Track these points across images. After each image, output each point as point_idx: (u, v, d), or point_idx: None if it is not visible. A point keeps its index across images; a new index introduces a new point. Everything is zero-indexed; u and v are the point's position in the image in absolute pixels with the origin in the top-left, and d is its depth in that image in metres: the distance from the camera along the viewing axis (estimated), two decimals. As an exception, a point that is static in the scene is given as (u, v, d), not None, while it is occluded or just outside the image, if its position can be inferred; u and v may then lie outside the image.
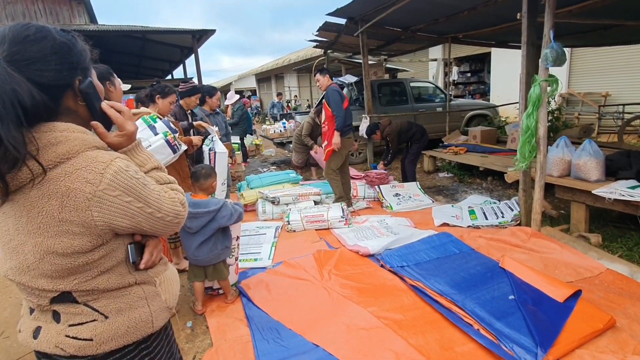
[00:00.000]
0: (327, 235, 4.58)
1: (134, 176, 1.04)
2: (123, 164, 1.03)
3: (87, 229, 0.99)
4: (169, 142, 2.80)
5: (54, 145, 0.96)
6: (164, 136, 2.78)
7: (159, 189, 1.11)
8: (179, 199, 1.16)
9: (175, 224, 1.15)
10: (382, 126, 6.39)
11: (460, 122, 10.01)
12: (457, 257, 3.62)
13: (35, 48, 0.97)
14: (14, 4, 14.30)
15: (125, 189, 1.01)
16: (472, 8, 6.29)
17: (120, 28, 13.44)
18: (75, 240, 0.99)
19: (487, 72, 15.72)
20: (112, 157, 1.02)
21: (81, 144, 1.00)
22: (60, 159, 0.96)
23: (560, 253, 3.46)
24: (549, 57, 3.44)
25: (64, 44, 1.02)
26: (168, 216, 1.11)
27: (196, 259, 2.98)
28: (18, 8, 14.42)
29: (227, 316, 3.05)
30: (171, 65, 21.06)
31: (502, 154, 6.61)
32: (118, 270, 1.11)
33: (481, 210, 4.78)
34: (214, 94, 4.77)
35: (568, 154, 4.07)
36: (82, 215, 0.97)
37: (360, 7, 6.75)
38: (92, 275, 1.06)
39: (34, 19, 14.31)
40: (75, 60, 1.05)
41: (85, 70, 1.08)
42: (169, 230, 1.17)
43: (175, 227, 1.17)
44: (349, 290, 3.28)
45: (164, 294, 1.23)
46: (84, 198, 0.96)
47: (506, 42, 9.15)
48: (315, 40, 9.67)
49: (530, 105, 3.62)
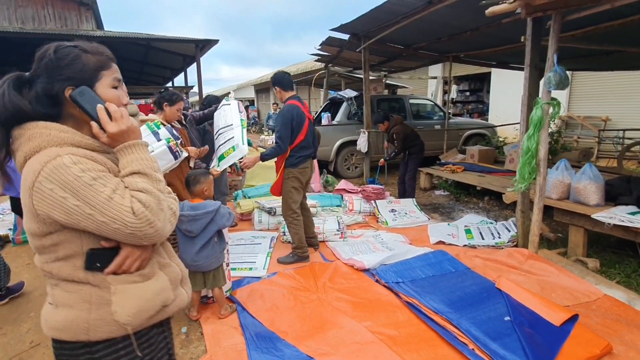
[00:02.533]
0: (323, 247, 4.56)
1: (76, 174, 1.08)
2: (69, 160, 1.09)
3: (34, 215, 1.11)
4: (171, 148, 2.82)
5: (29, 140, 1.13)
6: (166, 142, 2.80)
7: (110, 194, 1.10)
8: (138, 210, 1.11)
9: (128, 235, 1.11)
10: (392, 120, 6.35)
11: (458, 140, 10.04)
12: (453, 276, 3.60)
13: (38, 66, 1.20)
14: (24, 8, 14.50)
15: (62, 184, 1.07)
16: (475, 29, 6.35)
17: (126, 35, 13.82)
18: (32, 223, 1.13)
19: (486, 92, 15.85)
20: (61, 153, 1.10)
21: (50, 141, 1.13)
22: (32, 152, 1.12)
23: (557, 276, 3.43)
24: (552, 81, 3.46)
25: (58, 60, 1.19)
26: (114, 223, 1.09)
27: (196, 264, 2.95)
28: (28, 12, 14.62)
29: (222, 323, 3.05)
30: (172, 73, 21.39)
31: (499, 174, 6.62)
32: (72, 262, 1.16)
33: (478, 229, 4.76)
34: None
35: (568, 177, 4.08)
36: (28, 201, 1.10)
37: (364, 24, 6.82)
38: (49, 259, 1.16)
39: (44, 23, 14.66)
40: (66, 73, 1.19)
41: (80, 80, 1.20)
42: (126, 239, 1.14)
43: (132, 238, 1.13)
44: (343, 303, 3.26)
45: (116, 306, 1.17)
46: (28, 187, 1.08)
47: (507, 63, 9.24)
48: (318, 54, 9.74)
49: (532, 127, 3.63)
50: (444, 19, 6.03)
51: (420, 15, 5.52)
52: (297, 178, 4.06)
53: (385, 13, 6.11)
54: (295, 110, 3.96)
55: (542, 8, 3.54)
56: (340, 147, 8.83)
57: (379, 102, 9.49)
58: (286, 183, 4.05)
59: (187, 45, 14.57)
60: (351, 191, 6.75)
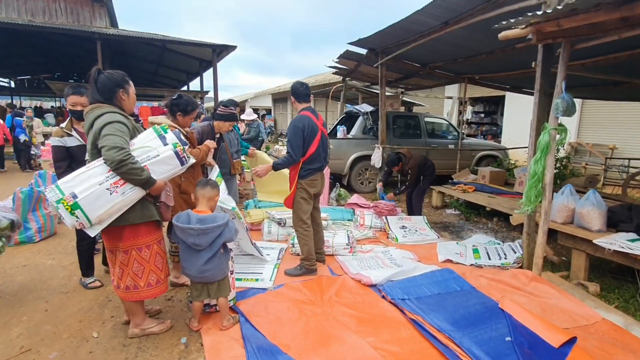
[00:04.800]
0: (331, 261, 4.63)
1: None
2: None
3: None
4: (178, 153, 2.79)
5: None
6: (173, 147, 2.77)
7: None
8: None
9: None
10: (405, 159, 6.32)
11: (471, 160, 10.12)
12: (458, 295, 3.68)
13: None
14: (35, 1, 14.19)
15: None
16: (489, 52, 6.47)
17: (141, 35, 13.45)
18: None
19: (500, 115, 15.90)
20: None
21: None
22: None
23: (558, 299, 3.50)
24: (559, 107, 3.56)
25: None
26: None
27: (202, 276, 2.94)
28: (39, 4, 14.30)
29: (222, 335, 3.04)
30: (188, 77, 21.03)
31: (509, 196, 6.69)
32: None
33: (485, 250, 4.83)
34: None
35: (572, 202, 4.16)
36: None
37: (381, 39, 6.95)
38: None
39: (54, 16, 14.32)
40: None
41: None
42: None
43: None
44: (348, 318, 3.30)
45: None
46: None
47: (520, 88, 9.33)
48: (335, 67, 9.87)
49: (539, 151, 3.72)
50: (460, 40, 6.16)
51: (437, 35, 5.65)
52: (305, 189, 4.11)
53: (403, 30, 6.24)
54: (306, 121, 3.99)
55: (552, 35, 3.65)
56: (354, 161, 8.95)
57: (394, 118, 9.60)
58: (296, 194, 4.14)
59: (204, 50, 14.30)
60: (363, 206, 6.85)
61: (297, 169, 4.07)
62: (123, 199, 2.60)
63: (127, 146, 2.59)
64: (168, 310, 3.48)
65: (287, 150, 4.03)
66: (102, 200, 2.53)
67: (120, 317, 3.30)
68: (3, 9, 13.83)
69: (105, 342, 2.99)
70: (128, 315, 3.13)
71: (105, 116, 2.62)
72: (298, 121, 3.99)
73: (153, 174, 2.69)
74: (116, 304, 3.54)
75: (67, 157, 3.60)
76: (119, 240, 2.79)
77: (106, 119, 2.59)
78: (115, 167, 2.50)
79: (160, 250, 2.96)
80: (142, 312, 3.06)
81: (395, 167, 6.41)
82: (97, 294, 3.79)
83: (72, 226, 2.56)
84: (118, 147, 2.49)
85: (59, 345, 2.93)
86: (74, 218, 2.50)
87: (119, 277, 2.86)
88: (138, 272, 2.85)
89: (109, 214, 2.61)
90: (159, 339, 3.02)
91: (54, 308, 3.50)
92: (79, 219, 2.51)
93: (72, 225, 2.54)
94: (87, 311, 3.45)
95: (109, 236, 2.81)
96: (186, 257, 2.97)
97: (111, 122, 2.59)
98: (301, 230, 4.20)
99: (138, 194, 2.68)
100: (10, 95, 24.28)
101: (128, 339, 3.01)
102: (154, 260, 2.90)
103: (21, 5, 14.06)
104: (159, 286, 2.96)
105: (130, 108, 2.88)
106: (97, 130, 2.58)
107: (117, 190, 2.56)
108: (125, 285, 2.86)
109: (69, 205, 2.46)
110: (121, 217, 2.68)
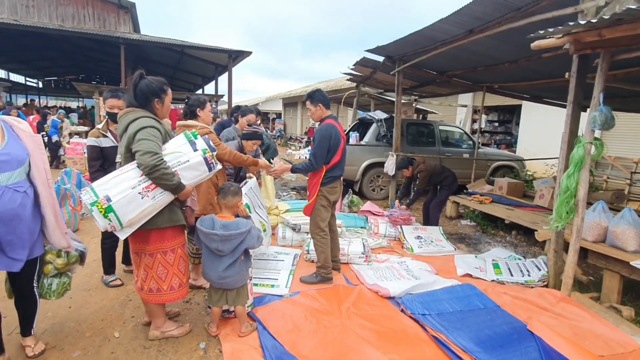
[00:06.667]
0: (346, 270, 4.50)
1: None
2: None
3: None
4: (207, 159, 2.81)
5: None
6: (202, 153, 2.79)
7: None
8: None
9: None
10: (415, 163, 6.18)
11: (486, 170, 9.89)
12: (482, 313, 3.50)
13: None
14: (65, 6, 15.02)
15: None
16: (513, 61, 6.32)
17: (161, 40, 14.27)
18: None
19: (515, 124, 15.69)
20: None
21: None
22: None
23: (590, 323, 3.30)
24: (597, 120, 3.38)
25: None
26: None
27: (222, 282, 2.94)
28: (69, 10, 15.12)
29: (241, 342, 2.99)
30: (203, 81, 22.00)
31: (528, 209, 6.48)
32: None
33: (506, 265, 4.65)
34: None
35: (605, 220, 3.95)
36: None
37: (401, 47, 6.85)
38: None
39: (83, 22, 15.18)
40: None
41: None
42: None
43: None
44: (367, 332, 3.18)
45: None
46: None
47: (541, 97, 9.15)
48: (351, 73, 9.81)
49: (572, 165, 3.54)
50: (483, 49, 6.03)
51: (459, 43, 5.53)
52: (326, 197, 4.05)
53: (425, 38, 6.13)
54: (333, 131, 3.95)
55: (592, 46, 3.49)
56: (367, 167, 8.80)
57: (408, 126, 9.43)
58: (316, 202, 4.04)
59: (220, 55, 14.94)
60: (377, 214, 6.70)
61: (319, 176, 3.99)
62: (153, 204, 2.63)
63: (160, 151, 2.63)
64: (186, 313, 3.50)
65: (309, 157, 3.99)
66: (134, 204, 2.56)
67: (141, 317, 3.33)
68: (36, 14, 14.67)
69: (127, 343, 3.01)
70: (149, 316, 3.16)
71: (139, 121, 2.66)
72: (325, 130, 3.94)
73: (182, 179, 2.71)
74: (136, 304, 3.57)
75: (101, 157, 3.69)
76: (146, 243, 2.82)
77: (140, 124, 2.63)
78: (148, 171, 2.53)
79: (183, 254, 2.98)
80: (163, 315, 3.07)
81: (405, 171, 6.25)
82: (118, 292, 3.83)
83: (104, 228, 2.56)
84: (152, 152, 2.53)
85: (82, 344, 2.96)
86: (107, 221, 2.52)
87: (142, 280, 2.88)
88: (162, 275, 2.87)
89: (140, 217, 2.63)
90: (179, 343, 3.02)
91: (77, 305, 3.55)
92: (111, 221, 2.53)
93: (104, 227, 2.55)
94: (109, 310, 3.50)
95: (136, 239, 2.82)
96: (208, 261, 2.97)
97: (145, 127, 2.62)
98: (318, 237, 4.10)
99: (167, 198, 2.70)
100: (38, 94, 25.87)
101: (148, 341, 3.02)
102: (178, 264, 2.92)
103: (53, 11, 14.90)
104: (181, 290, 2.97)
105: (163, 115, 2.91)
106: (132, 134, 2.61)
107: (148, 195, 2.59)
108: (149, 288, 2.88)
109: (103, 209, 2.48)
110: (149, 221, 2.71)
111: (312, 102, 4.05)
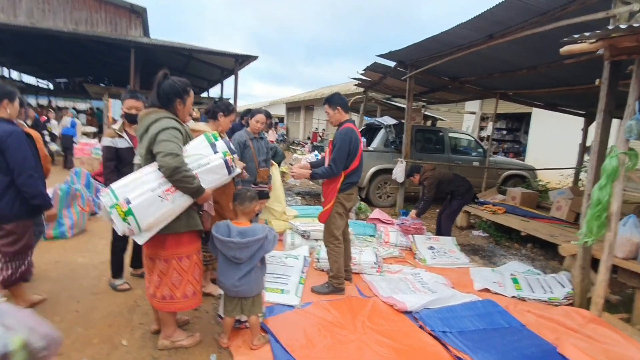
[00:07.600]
0: (358, 280, 4.32)
1: None
2: None
3: None
4: (227, 162, 2.68)
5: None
6: (223, 156, 2.67)
7: None
8: None
9: None
10: (423, 170, 5.97)
11: (496, 179, 9.65)
12: (507, 332, 3.28)
13: None
14: (79, 11, 15.32)
15: None
16: (532, 67, 6.13)
17: (170, 44, 14.50)
18: None
19: (523, 132, 15.47)
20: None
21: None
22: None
23: (625, 347, 3.06)
24: (633, 129, 3.17)
25: None
26: None
27: (238, 290, 2.80)
28: (82, 15, 15.39)
29: (254, 356, 2.85)
30: (209, 84, 22.27)
31: (545, 221, 6.26)
32: None
33: (525, 280, 4.42)
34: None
35: (637, 235, 3.72)
36: None
37: (414, 52, 6.69)
38: None
39: (95, 26, 15.47)
40: None
41: None
42: None
43: None
44: (386, 349, 2.98)
45: None
46: None
47: (556, 105, 8.93)
48: (359, 78, 9.65)
49: (604, 177, 3.33)
50: (501, 54, 5.86)
51: (477, 48, 5.36)
52: (342, 204, 3.89)
53: (440, 44, 5.96)
54: (353, 135, 3.81)
55: (628, 51, 3.29)
56: (374, 174, 8.58)
57: (417, 132, 9.22)
58: (333, 209, 3.86)
59: (227, 59, 15.12)
60: (386, 222, 6.49)
61: (337, 182, 3.81)
62: (173, 207, 2.54)
63: (182, 153, 2.54)
64: (196, 322, 3.37)
65: (330, 163, 3.81)
66: (154, 207, 2.47)
67: (149, 324, 3.21)
68: (51, 17, 14.94)
69: (135, 351, 2.89)
70: (158, 324, 3.05)
71: (161, 121, 2.59)
72: (345, 134, 3.79)
73: (202, 183, 2.61)
74: (144, 310, 3.45)
75: (116, 158, 3.61)
76: (161, 249, 2.71)
77: (162, 125, 2.56)
78: (169, 174, 2.45)
79: (198, 260, 2.88)
80: (174, 324, 2.95)
81: (413, 178, 6.08)
82: (126, 297, 3.72)
83: (122, 232, 2.46)
84: (174, 154, 2.45)
85: (89, 351, 2.86)
86: (126, 224, 2.42)
87: (155, 286, 2.77)
88: (176, 282, 2.75)
89: (159, 221, 2.53)
90: (188, 353, 2.89)
91: (85, 309, 3.45)
92: (130, 225, 2.43)
93: (122, 231, 2.45)
94: (117, 315, 3.39)
95: (151, 243, 2.69)
96: (224, 269, 2.85)
97: (167, 128, 2.55)
98: (332, 246, 3.94)
99: (186, 202, 2.61)
100: (48, 96, 26.02)
101: (157, 350, 2.90)
102: (192, 271, 2.81)
103: (67, 15, 15.18)
104: (195, 298, 2.85)
105: (184, 116, 2.84)
106: (153, 135, 2.54)
107: (168, 198, 2.50)
108: (162, 295, 2.76)
109: (123, 212, 2.39)
110: (167, 225, 2.61)
111: (331, 105, 3.94)
